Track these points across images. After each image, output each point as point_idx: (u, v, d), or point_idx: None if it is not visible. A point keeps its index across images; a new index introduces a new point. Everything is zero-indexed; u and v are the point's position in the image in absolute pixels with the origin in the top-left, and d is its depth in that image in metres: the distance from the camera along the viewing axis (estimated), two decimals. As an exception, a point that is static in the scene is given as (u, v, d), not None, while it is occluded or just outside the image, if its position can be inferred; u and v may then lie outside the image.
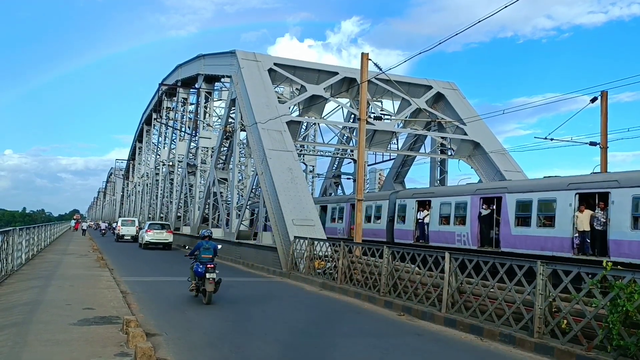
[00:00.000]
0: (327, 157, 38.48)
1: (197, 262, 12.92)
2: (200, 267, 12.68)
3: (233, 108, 30.56)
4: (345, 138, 34.07)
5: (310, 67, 29.88)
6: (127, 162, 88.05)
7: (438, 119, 30.17)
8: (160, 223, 39.45)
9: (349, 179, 37.78)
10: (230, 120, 31.39)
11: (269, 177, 22.74)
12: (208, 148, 37.59)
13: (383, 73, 21.07)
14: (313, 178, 40.28)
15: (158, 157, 56.02)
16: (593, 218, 15.86)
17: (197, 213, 37.44)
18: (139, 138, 69.68)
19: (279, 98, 28.60)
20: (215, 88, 39.46)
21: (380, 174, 60.04)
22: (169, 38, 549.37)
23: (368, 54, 19.30)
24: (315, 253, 18.42)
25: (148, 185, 61.88)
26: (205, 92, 38.56)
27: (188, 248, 15.79)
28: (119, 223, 47.17)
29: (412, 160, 34.10)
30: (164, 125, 50.94)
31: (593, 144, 22.95)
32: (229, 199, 31.27)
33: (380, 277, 14.03)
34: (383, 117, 29.24)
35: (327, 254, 17.89)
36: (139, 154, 71.51)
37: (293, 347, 8.85)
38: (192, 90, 42.87)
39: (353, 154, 34.56)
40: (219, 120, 38.75)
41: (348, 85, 30.12)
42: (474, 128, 29.44)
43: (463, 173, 36.27)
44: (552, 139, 23.10)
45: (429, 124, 31.08)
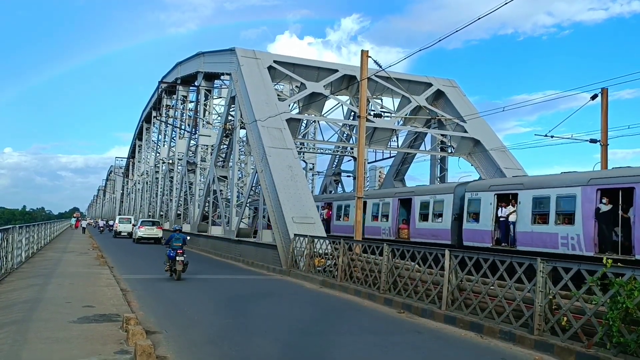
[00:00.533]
0: (327, 154, 38.46)
1: (170, 249, 16.64)
2: (172, 252, 16.42)
3: (233, 106, 30.54)
4: (345, 136, 34.05)
5: (310, 64, 29.86)
6: (127, 160, 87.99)
7: (438, 117, 30.15)
8: (151, 220, 44.26)
9: (349, 177, 37.75)
10: (230, 118, 31.37)
11: (269, 174, 22.72)
12: (208, 146, 37.58)
13: (383, 70, 21.07)
14: (313, 176, 40.32)
15: (158, 155, 55.93)
16: None
17: (197, 211, 37.43)
18: (139, 136, 69.61)
19: (279, 95, 28.57)
20: (215, 86, 39.41)
21: (381, 172, 60.00)
22: (169, 36, 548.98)
23: (368, 52, 19.24)
24: (315, 251, 18.42)
25: (148, 183, 61.80)
26: (205, 89, 38.50)
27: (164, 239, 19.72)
28: (117, 221, 52.41)
29: (412, 158, 34.08)
30: (164, 123, 50.90)
31: (593, 142, 22.91)
32: (229, 197, 31.27)
33: (380, 274, 14.03)
34: (383, 114, 29.22)
35: (327, 252, 17.90)
36: (139, 152, 71.43)
37: (293, 344, 8.85)
38: (191, 88, 42.78)
39: (353, 152, 34.54)
40: (219, 118, 38.77)
41: (348, 83, 30.09)
42: (474, 125, 29.42)
43: (463, 171, 35.88)
44: (552, 137, 23.12)
45: (429, 122, 31.05)
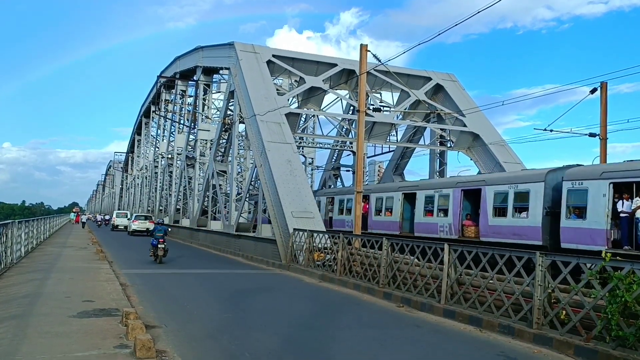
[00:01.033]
0: (326, 149, 38.38)
1: (153, 238, 20.83)
2: (155, 241, 20.56)
3: (232, 100, 30.48)
4: (345, 130, 34.00)
5: (309, 58, 29.78)
6: (126, 154, 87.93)
7: (437, 111, 30.10)
8: (144, 215, 48.64)
9: (349, 171, 37.73)
10: (229, 113, 31.31)
11: (268, 169, 22.71)
12: (207, 140, 37.52)
13: (382, 64, 21.01)
14: (312, 170, 40.21)
15: (157, 149, 55.82)
16: None
17: (196, 205, 37.43)
18: (138, 131, 69.49)
19: (278, 90, 28.52)
20: (214, 80, 39.31)
21: (380, 166, 59.86)
22: (167, 30, 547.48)
23: (367, 46, 19.21)
24: (315, 245, 18.44)
25: (147, 178, 61.78)
26: (204, 84, 38.42)
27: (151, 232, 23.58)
28: (114, 215, 57.56)
29: (411, 152, 34.08)
30: (163, 118, 50.82)
31: (592, 135, 22.91)
32: (228, 192, 31.26)
33: (380, 268, 14.05)
34: (382, 108, 29.13)
35: (326, 246, 17.91)
36: (138, 147, 71.34)
37: (292, 338, 8.87)
38: (190, 83, 42.74)
39: (352, 146, 34.47)
40: (218, 113, 38.70)
41: (347, 77, 30.03)
42: (473, 119, 29.39)
43: (462, 165, 35.92)
44: (551, 131, 23.06)
45: (428, 116, 31.02)
